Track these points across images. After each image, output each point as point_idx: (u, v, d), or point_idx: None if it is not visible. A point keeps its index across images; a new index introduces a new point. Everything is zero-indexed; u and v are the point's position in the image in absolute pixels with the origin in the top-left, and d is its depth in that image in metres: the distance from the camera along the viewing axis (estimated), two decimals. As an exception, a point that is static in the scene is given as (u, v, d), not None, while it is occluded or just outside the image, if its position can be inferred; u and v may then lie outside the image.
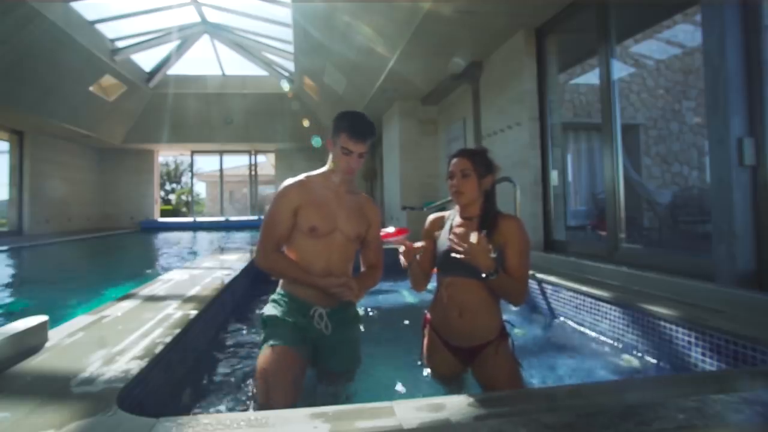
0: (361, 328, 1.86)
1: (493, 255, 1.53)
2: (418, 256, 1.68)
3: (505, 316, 1.74)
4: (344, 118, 1.63)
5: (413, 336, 1.96)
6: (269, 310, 1.68)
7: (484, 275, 1.50)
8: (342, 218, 1.66)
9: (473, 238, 1.57)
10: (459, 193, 1.65)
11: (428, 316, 1.81)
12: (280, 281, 1.73)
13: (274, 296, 1.72)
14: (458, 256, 1.48)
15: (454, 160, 1.68)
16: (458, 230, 1.67)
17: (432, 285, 1.86)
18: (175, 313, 2.02)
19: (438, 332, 1.73)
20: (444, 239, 1.70)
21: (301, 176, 1.69)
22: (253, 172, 16.05)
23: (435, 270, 1.79)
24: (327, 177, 1.70)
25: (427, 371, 1.79)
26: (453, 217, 1.76)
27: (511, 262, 1.59)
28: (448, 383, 1.73)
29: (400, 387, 1.81)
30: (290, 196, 1.63)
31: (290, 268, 1.63)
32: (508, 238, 1.60)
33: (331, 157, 1.69)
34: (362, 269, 1.82)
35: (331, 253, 1.65)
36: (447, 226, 1.74)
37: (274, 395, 1.36)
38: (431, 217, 1.84)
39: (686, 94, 6.90)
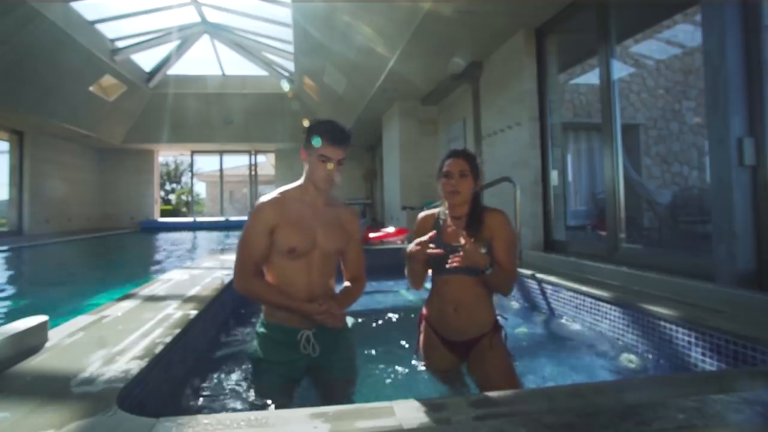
0: (352, 336, 1.79)
1: (483, 250, 1.60)
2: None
3: (499, 312, 1.79)
4: (319, 125, 1.57)
5: (412, 335, 1.96)
6: (254, 350, 1.63)
7: (481, 271, 1.57)
8: (321, 234, 1.59)
9: (462, 238, 1.63)
10: (456, 193, 1.67)
11: (424, 312, 1.84)
12: (263, 307, 1.67)
13: (258, 329, 1.66)
14: (455, 264, 1.53)
15: (450, 161, 1.70)
16: (449, 230, 1.73)
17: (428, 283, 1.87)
18: (175, 313, 2.02)
19: (434, 328, 1.76)
20: (436, 240, 1.71)
21: (275, 193, 1.61)
22: (253, 172, 16.05)
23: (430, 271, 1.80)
24: (303, 191, 1.62)
25: (424, 367, 1.80)
26: (442, 216, 1.79)
27: (499, 255, 1.63)
28: (445, 378, 1.75)
29: (399, 386, 1.81)
30: (266, 215, 1.55)
31: (271, 294, 1.56)
32: (495, 232, 1.66)
33: (306, 169, 1.60)
34: (345, 281, 1.75)
35: (311, 272, 1.59)
36: (438, 227, 1.77)
37: None
38: (421, 215, 1.86)
39: (686, 94, 6.89)
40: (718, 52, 2.15)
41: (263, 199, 1.59)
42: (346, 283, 1.74)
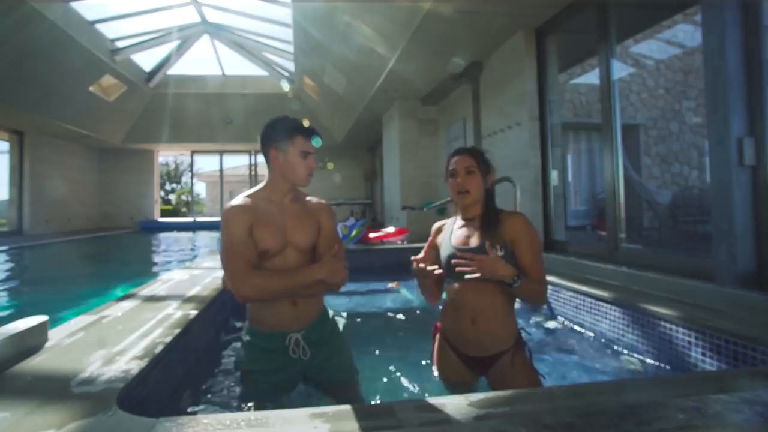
0: (341, 328, 1.73)
1: (500, 253, 1.47)
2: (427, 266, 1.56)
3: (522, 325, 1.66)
4: (287, 123, 1.54)
5: (412, 335, 1.95)
6: (243, 361, 1.58)
7: (508, 285, 1.43)
8: (290, 230, 1.53)
9: (474, 239, 1.54)
10: (465, 192, 1.56)
11: (438, 324, 1.72)
12: (248, 314, 1.60)
13: (244, 338, 1.61)
14: (472, 276, 1.39)
15: (456, 158, 1.60)
16: (459, 233, 1.61)
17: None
18: (175, 313, 2.02)
19: (449, 342, 1.63)
20: (447, 244, 1.62)
21: (241, 197, 1.54)
22: (253, 172, 16.04)
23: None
24: (272, 191, 1.56)
25: (430, 368, 1.76)
26: (453, 222, 1.70)
27: (525, 262, 1.49)
28: (461, 392, 1.67)
29: (399, 386, 1.81)
30: (241, 215, 1.47)
31: (278, 280, 1.44)
32: (516, 237, 1.51)
33: (274, 169, 1.54)
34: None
35: None
36: (448, 232, 1.67)
37: None
38: (434, 226, 1.76)
39: (686, 94, 6.89)
40: (718, 52, 2.15)
41: (233, 202, 1.51)
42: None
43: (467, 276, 1.40)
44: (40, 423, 1.00)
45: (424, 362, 1.86)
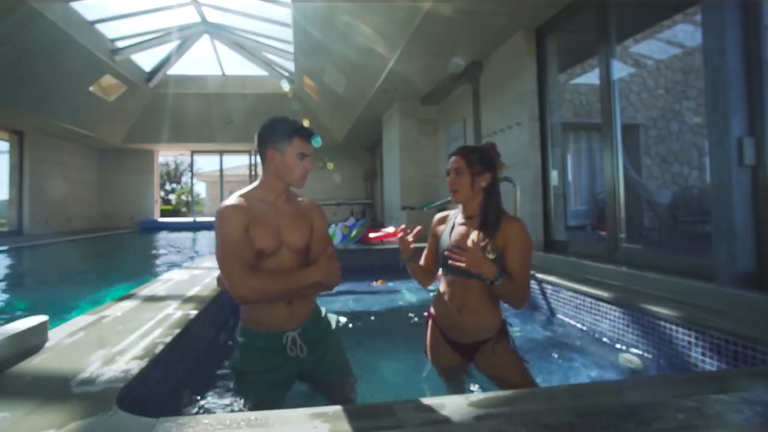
0: (333, 326, 1.74)
1: (491, 256, 1.54)
2: (413, 245, 1.72)
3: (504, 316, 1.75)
4: (285, 123, 1.53)
5: (412, 335, 1.96)
6: (239, 363, 1.57)
7: (488, 282, 1.49)
8: (285, 230, 1.53)
9: (472, 237, 1.59)
10: (454, 192, 1.68)
11: (431, 310, 1.84)
12: (242, 315, 1.60)
13: (239, 339, 1.60)
14: (460, 265, 1.48)
15: (452, 158, 1.70)
16: (459, 230, 1.70)
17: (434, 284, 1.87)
18: (175, 313, 2.02)
19: (439, 326, 1.76)
20: (446, 238, 1.72)
21: (235, 197, 1.53)
22: (253, 172, 16.04)
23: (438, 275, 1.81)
24: (266, 191, 1.56)
25: (429, 366, 1.80)
26: (456, 215, 1.78)
27: (512, 266, 1.57)
28: (450, 376, 1.74)
29: (399, 386, 1.81)
30: (237, 214, 1.45)
31: (276, 281, 1.44)
32: (509, 240, 1.58)
33: (269, 170, 1.54)
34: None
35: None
36: (449, 225, 1.75)
37: None
38: (437, 216, 1.85)
39: (686, 94, 6.89)
40: (718, 52, 2.15)
41: (227, 202, 1.49)
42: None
43: (454, 264, 1.51)
44: (40, 423, 1.00)
45: (420, 354, 1.87)
